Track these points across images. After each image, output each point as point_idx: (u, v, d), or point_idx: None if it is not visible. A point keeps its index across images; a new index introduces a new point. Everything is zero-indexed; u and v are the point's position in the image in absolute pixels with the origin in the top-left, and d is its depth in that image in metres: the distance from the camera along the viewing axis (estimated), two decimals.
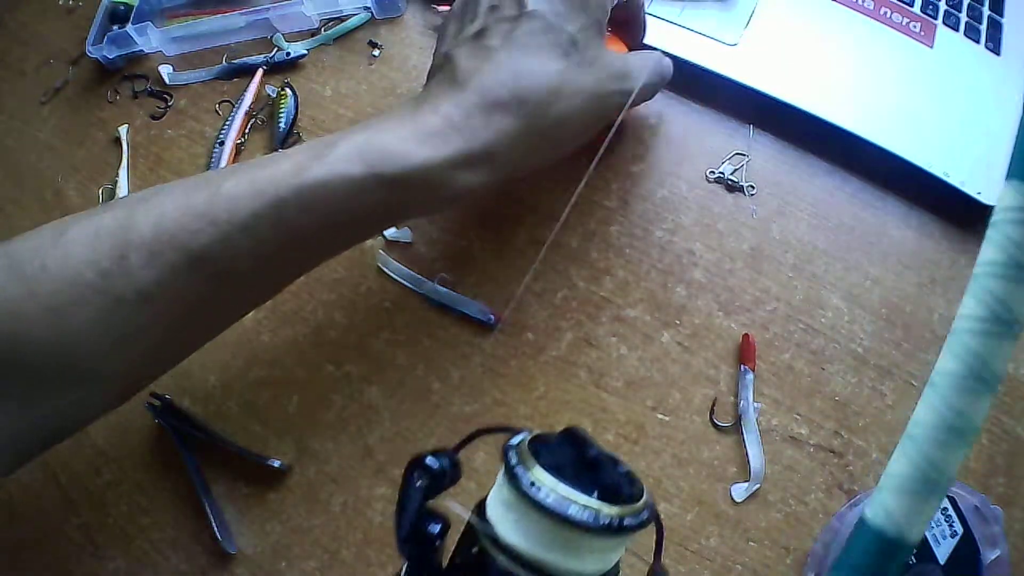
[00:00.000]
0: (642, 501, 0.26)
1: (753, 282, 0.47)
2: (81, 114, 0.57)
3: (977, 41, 0.52)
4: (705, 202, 0.49)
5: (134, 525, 0.44)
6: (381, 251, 0.48)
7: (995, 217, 0.19)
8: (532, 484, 0.25)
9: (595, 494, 0.25)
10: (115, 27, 0.57)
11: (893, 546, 0.19)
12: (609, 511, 0.25)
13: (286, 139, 0.52)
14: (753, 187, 0.49)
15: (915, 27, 0.52)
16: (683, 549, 0.42)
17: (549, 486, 0.25)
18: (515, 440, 0.27)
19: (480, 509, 0.27)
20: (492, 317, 0.46)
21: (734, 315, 0.46)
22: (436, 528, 0.27)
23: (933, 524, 0.40)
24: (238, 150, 0.53)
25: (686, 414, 0.44)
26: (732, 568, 0.41)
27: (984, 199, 0.47)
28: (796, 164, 0.50)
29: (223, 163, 0.51)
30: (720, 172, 0.50)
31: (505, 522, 0.26)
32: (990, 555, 0.39)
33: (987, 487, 0.42)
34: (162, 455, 0.45)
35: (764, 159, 0.50)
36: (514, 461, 0.26)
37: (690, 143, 0.51)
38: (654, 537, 0.29)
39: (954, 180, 0.47)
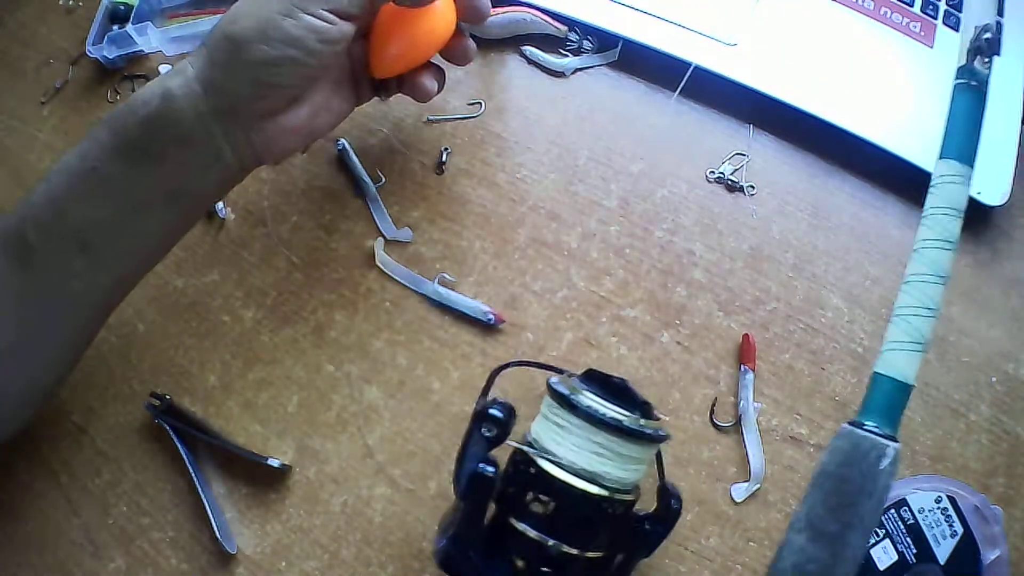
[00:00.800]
0: (659, 423, 0.34)
1: (753, 282, 0.47)
2: (81, 114, 0.57)
3: None
4: (705, 202, 0.49)
5: (134, 525, 0.44)
6: (381, 251, 0.48)
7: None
8: (588, 405, 0.32)
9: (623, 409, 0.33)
10: (115, 27, 0.57)
11: (902, 389, 0.29)
12: (645, 421, 0.33)
13: None
14: (753, 187, 0.49)
15: (915, 27, 0.52)
16: (683, 549, 0.42)
17: (599, 403, 0.32)
18: (555, 379, 0.35)
19: (523, 440, 0.34)
20: (492, 317, 0.46)
21: (734, 315, 0.46)
22: (492, 470, 0.33)
23: (933, 524, 0.40)
24: None
25: (686, 414, 0.44)
26: (732, 568, 0.41)
27: (984, 199, 0.47)
28: (796, 164, 0.50)
29: None
30: (720, 172, 0.50)
31: (559, 445, 0.32)
32: (990, 555, 0.39)
33: (987, 487, 0.42)
34: (162, 455, 0.45)
35: (764, 159, 0.50)
36: (566, 390, 0.33)
37: (690, 143, 0.51)
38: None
39: None
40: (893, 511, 0.40)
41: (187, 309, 0.49)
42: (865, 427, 0.29)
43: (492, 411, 0.35)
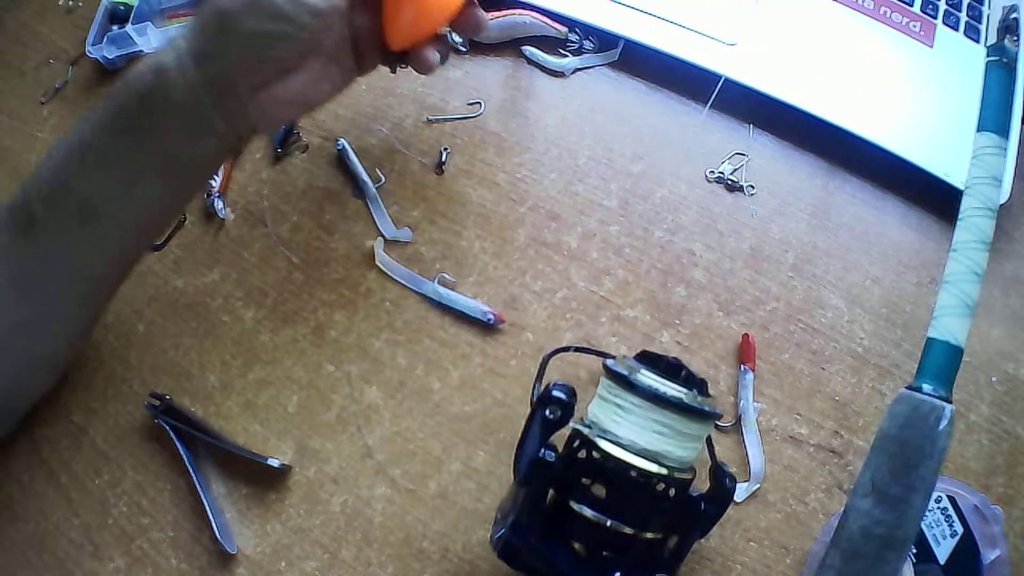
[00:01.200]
0: (713, 398, 0.35)
1: (753, 282, 0.47)
2: (81, 114, 0.57)
3: (977, 40, 0.52)
4: (705, 202, 0.49)
5: (134, 526, 0.44)
6: (381, 251, 0.48)
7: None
8: (648, 384, 0.33)
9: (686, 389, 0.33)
10: (115, 27, 0.57)
11: (956, 352, 0.30)
12: (703, 398, 0.34)
13: (285, 139, 0.52)
14: (753, 187, 0.49)
15: (915, 27, 0.52)
16: None
17: (660, 382, 0.33)
18: (612, 360, 0.36)
19: (581, 422, 0.35)
20: (492, 317, 0.46)
21: (734, 315, 0.46)
22: (552, 455, 0.33)
23: (933, 524, 0.40)
24: None
25: None
26: (732, 568, 0.41)
27: None
28: (796, 164, 0.50)
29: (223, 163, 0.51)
30: (720, 172, 0.50)
31: (618, 425, 0.33)
32: (990, 555, 0.39)
33: (987, 487, 0.42)
34: (162, 455, 0.45)
35: (764, 159, 0.50)
36: (625, 371, 0.34)
37: (690, 143, 0.51)
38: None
39: (954, 180, 0.47)
40: None
41: (187, 309, 0.49)
42: (923, 391, 0.30)
43: (555, 393, 0.35)
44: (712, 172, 0.50)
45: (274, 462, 0.43)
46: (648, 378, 0.33)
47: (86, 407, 0.47)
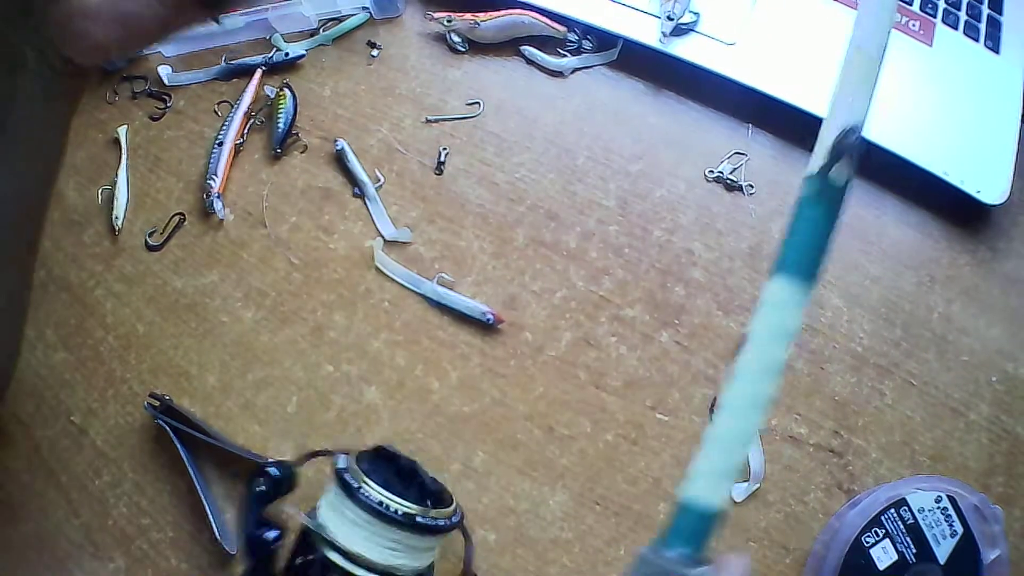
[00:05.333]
0: (452, 507, 0.34)
1: (752, 281, 0.47)
2: (80, 115, 0.56)
3: (976, 40, 0.52)
4: (704, 201, 0.49)
5: (134, 525, 0.44)
6: (380, 251, 0.48)
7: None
8: (379, 501, 0.31)
9: (413, 501, 0.32)
10: None
11: (712, 516, 0.24)
12: (436, 512, 0.32)
13: (285, 139, 0.52)
14: (752, 186, 0.49)
15: (914, 26, 0.52)
16: None
17: (378, 494, 0.31)
18: (342, 462, 0.33)
19: (312, 514, 0.33)
20: (491, 317, 0.46)
21: (733, 314, 0.46)
22: (273, 534, 0.32)
23: (933, 524, 0.40)
24: (237, 151, 0.53)
25: (685, 414, 0.44)
26: None
27: (983, 198, 0.47)
28: (795, 163, 0.50)
29: (222, 164, 0.51)
30: (719, 171, 0.50)
31: (347, 536, 0.31)
32: (990, 555, 0.39)
33: (987, 486, 0.42)
34: (162, 456, 0.45)
35: (763, 158, 0.50)
36: (348, 478, 0.32)
37: (689, 142, 0.51)
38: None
39: (953, 179, 0.47)
40: (893, 511, 0.40)
41: (186, 310, 0.49)
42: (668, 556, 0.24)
43: (271, 469, 0.34)
44: (711, 171, 0.50)
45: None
46: (376, 492, 0.31)
47: (86, 408, 0.47)
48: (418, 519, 0.32)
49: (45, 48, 0.34)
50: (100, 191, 0.53)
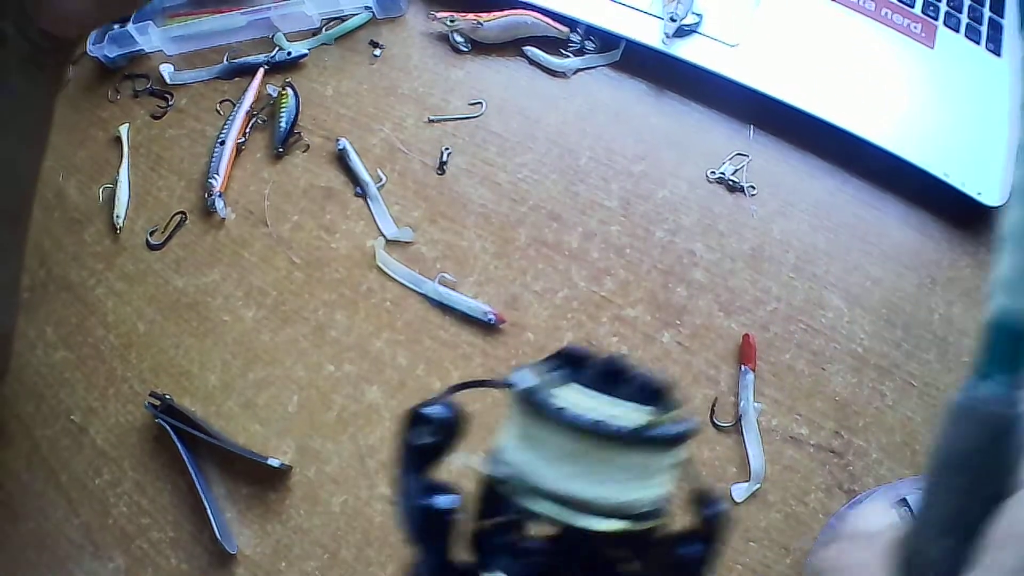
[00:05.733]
0: (677, 411, 0.23)
1: (754, 282, 0.47)
2: (82, 113, 0.57)
3: (978, 42, 0.52)
4: (706, 202, 0.49)
5: (134, 525, 0.44)
6: (382, 251, 0.48)
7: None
8: (574, 416, 0.21)
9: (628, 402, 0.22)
10: (116, 26, 0.57)
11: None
12: (665, 415, 0.22)
13: (287, 138, 0.52)
14: (754, 187, 0.49)
15: (916, 28, 0.52)
16: None
17: (581, 400, 0.21)
18: (526, 380, 0.23)
19: (495, 460, 0.23)
20: (493, 317, 0.46)
21: (735, 315, 0.46)
22: (447, 500, 0.23)
23: None
24: (239, 150, 0.53)
25: (686, 414, 0.44)
26: (732, 568, 0.41)
27: (984, 200, 0.47)
28: (797, 165, 0.50)
29: (224, 163, 0.51)
30: (721, 172, 0.50)
31: (540, 468, 0.22)
32: None
33: None
34: (162, 455, 0.45)
35: (765, 159, 0.50)
36: (543, 398, 0.22)
37: (691, 143, 0.51)
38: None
39: (954, 181, 0.47)
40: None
41: (187, 309, 0.49)
42: (987, 397, 0.21)
43: (428, 411, 0.25)
44: (713, 172, 0.50)
45: (274, 462, 0.43)
46: (580, 400, 0.21)
47: (86, 407, 0.47)
48: (652, 431, 0.22)
49: (23, 22, 0.34)
50: (101, 190, 0.53)
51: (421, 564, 0.24)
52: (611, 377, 0.23)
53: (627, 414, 0.22)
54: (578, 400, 0.21)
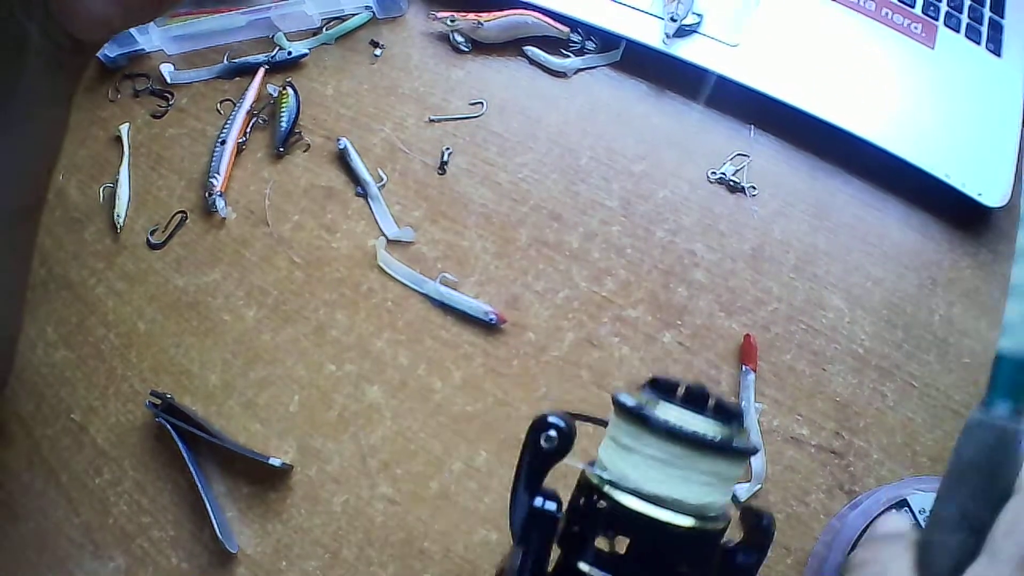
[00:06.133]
0: (745, 429, 0.27)
1: (754, 283, 0.47)
2: (82, 113, 0.57)
3: (978, 42, 0.52)
4: (706, 203, 0.49)
5: (134, 525, 0.44)
6: (383, 251, 0.48)
7: None
8: (670, 425, 0.26)
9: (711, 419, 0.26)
10: None
11: None
12: (739, 431, 0.27)
13: (287, 138, 0.52)
14: (754, 188, 0.50)
15: (916, 28, 0.52)
16: None
17: (676, 415, 0.26)
18: (623, 396, 0.28)
19: (594, 469, 0.28)
20: (494, 317, 0.46)
21: (735, 316, 0.46)
22: (554, 505, 0.27)
23: None
24: (239, 149, 0.53)
25: None
26: None
27: (985, 201, 0.47)
28: (797, 165, 0.50)
29: (224, 162, 0.51)
30: (722, 173, 0.50)
31: (638, 472, 0.26)
32: None
33: None
34: (163, 454, 0.45)
35: (765, 160, 0.50)
36: (644, 410, 0.27)
37: (691, 143, 0.51)
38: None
39: (955, 182, 0.47)
40: (893, 511, 0.40)
41: (188, 308, 0.49)
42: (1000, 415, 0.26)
43: (552, 419, 0.28)
44: (714, 173, 0.50)
45: (275, 461, 0.43)
46: (676, 415, 0.26)
47: (86, 406, 0.47)
48: (734, 444, 0.26)
49: (48, 25, 0.34)
50: (102, 189, 0.53)
51: (520, 565, 0.27)
52: (694, 398, 0.27)
53: (709, 428, 0.26)
54: (670, 414, 0.26)
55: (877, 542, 0.28)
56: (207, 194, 0.50)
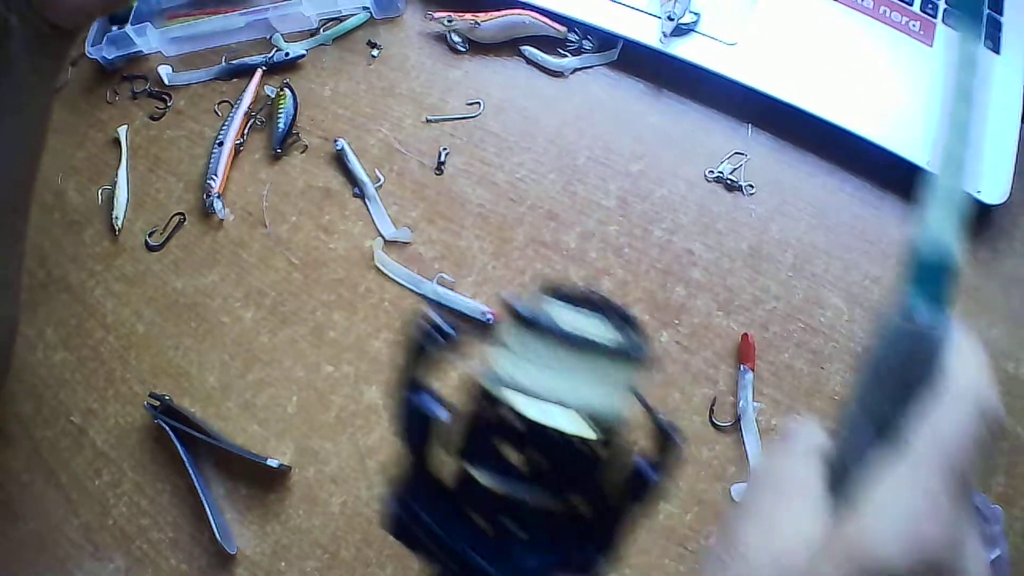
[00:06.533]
0: (641, 336, 0.27)
1: (752, 281, 0.47)
2: (80, 115, 0.57)
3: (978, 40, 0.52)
4: (704, 202, 0.49)
5: (134, 525, 0.44)
6: (380, 251, 0.48)
7: None
8: (564, 329, 0.26)
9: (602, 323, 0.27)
10: (114, 28, 0.57)
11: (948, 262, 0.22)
12: (633, 335, 0.27)
13: (285, 139, 0.52)
14: (752, 186, 0.49)
15: (914, 26, 0.52)
16: (683, 549, 0.42)
17: (567, 319, 0.26)
18: (511, 297, 0.28)
19: (486, 375, 0.27)
20: (491, 317, 0.46)
21: (733, 315, 0.46)
22: (435, 407, 0.28)
23: None
24: (237, 151, 0.53)
25: (686, 414, 0.44)
26: None
27: (984, 199, 0.47)
28: (795, 163, 0.50)
29: (222, 163, 0.51)
30: (719, 171, 0.50)
31: (528, 375, 0.26)
32: (990, 555, 0.39)
33: (987, 486, 0.42)
34: (162, 456, 0.45)
35: (763, 158, 0.50)
36: (529, 311, 0.26)
37: (689, 143, 0.51)
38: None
39: None
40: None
41: (186, 310, 0.49)
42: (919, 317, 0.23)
43: (429, 316, 0.28)
44: (711, 172, 0.50)
45: (273, 463, 0.43)
46: (562, 316, 0.26)
47: (86, 408, 0.47)
48: (626, 347, 0.26)
49: (28, 12, 0.35)
50: (100, 191, 0.53)
51: (408, 463, 0.28)
52: (588, 304, 0.28)
53: (603, 333, 0.26)
54: (563, 317, 0.26)
55: (783, 451, 0.24)
56: (205, 196, 0.50)
